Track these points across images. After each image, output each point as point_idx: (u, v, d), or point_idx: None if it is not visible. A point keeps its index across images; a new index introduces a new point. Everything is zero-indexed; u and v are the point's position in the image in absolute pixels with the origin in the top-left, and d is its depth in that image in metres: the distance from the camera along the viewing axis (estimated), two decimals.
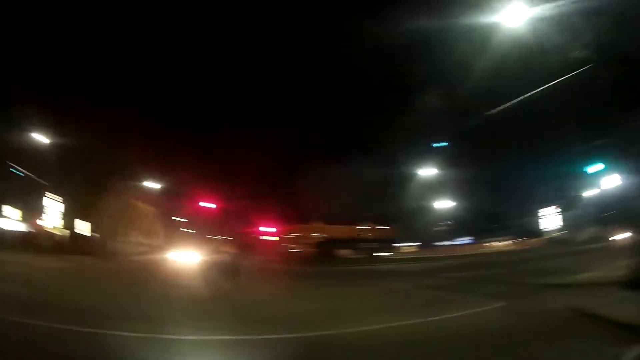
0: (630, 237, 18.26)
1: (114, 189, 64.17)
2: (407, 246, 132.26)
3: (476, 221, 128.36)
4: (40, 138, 46.98)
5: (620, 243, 51.41)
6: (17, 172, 48.97)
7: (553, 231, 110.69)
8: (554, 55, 17.71)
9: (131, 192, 65.48)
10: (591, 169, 19.80)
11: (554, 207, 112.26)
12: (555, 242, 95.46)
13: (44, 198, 56.35)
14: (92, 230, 71.05)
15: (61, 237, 59.44)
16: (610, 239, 77.56)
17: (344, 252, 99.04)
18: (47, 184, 51.39)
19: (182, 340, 9.62)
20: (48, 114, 46.19)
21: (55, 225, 57.87)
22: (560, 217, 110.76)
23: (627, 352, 7.96)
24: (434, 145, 27.49)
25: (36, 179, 49.11)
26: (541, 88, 19.29)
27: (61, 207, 59.32)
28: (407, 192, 69.07)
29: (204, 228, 77.69)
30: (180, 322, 11.53)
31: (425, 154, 54.45)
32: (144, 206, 71.21)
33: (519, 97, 20.60)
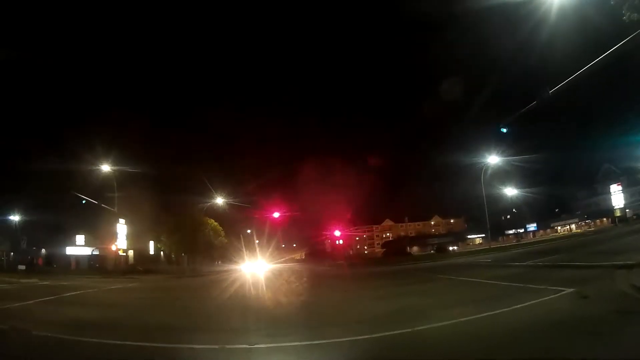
0: None
1: (183, 209, 66.27)
2: (475, 237, 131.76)
3: (540, 207, 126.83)
4: (108, 167, 48.97)
5: None
6: (89, 201, 51.08)
7: (618, 209, 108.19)
8: (606, 21, 17.48)
9: (201, 210, 67.29)
10: None
11: (617, 184, 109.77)
12: (622, 220, 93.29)
13: (117, 224, 58.86)
14: (165, 251, 73.47)
15: (131, 258, 61.97)
16: None
17: (414, 249, 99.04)
18: (117, 211, 53.27)
19: (255, 349, 9.90)
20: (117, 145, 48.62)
21: (127, 248, 60.33)
22: (624, 194, 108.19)
23: None
24: (500, 129, 27.04)
25: (107, 207, 51.03)
26: (595, 61, 19.00)
27: (133, 230, 61.84)
28: (472, 182, 68.72)
29: (272, 236, 79.12)
30: (252, 331, 12.01)
31: (487, 142, 54.08)
32: (212, 222, 72.92)
33: (573, 74, 20.31)
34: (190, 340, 10.46)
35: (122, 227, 63.60)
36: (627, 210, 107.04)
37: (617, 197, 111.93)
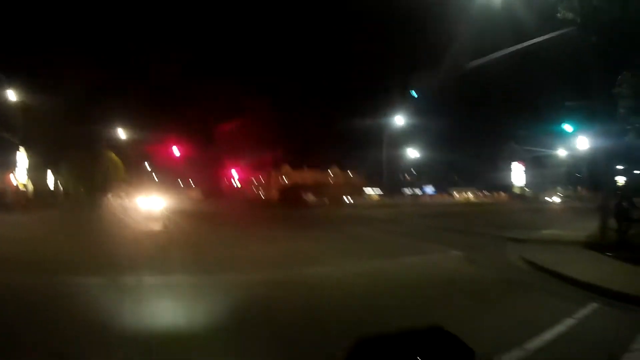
0: (598, 200, 18.49)
1: (85, 141, 63.27)
2: (372, 192, 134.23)
3: (442, 172, 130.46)
4: (9, 94, 45.52)
5: (586, 205, 52.70)
6: None
7: (518, 187, 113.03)
8: (539, 13, 17.65)
9: (101, 142, 64.42)
10: (566, 128, 19.82)
11: (521, 163, 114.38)
12: (519, 197, 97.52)
13: (17, 154, 55.02)
14: (62, 184, 70.21)
15: (31, 192, 58.54)
16: (576, 199, 79.43)
17: (310, 197, 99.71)
18: (17, 139, 49.80)
19: (143, 284, 9.66)
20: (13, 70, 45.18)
21: (25, 181, 56.71)
22: (527, 174, 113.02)
23: (582, 309, 8.14)
24: (411, 92, 26.95)
25: (6, 134, 47.50)
26: (520, 45, 19.18)
27: (33, 162, 58.20)
28: (375, 139, 69.17)
29: (173, 174, 77.17)
30: (143, 267, 11.60)
31: (397, 104, 54.30)
32: (113, 156, 70.27)
33: (498, 52, 20.45)
34: (82, 275, 10.04)
35: (22, 157, 59.75)
36: (526, 189, 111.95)
37: (518, 175, 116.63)
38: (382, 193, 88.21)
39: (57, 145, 60.14)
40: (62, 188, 69.12)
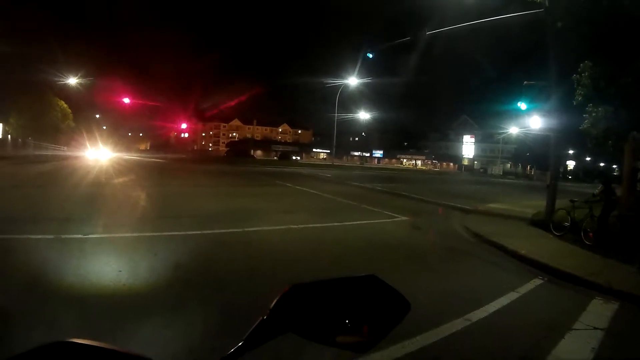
0: (545, 179, 18.94)
1: (34, 88, 60.96)
2: (320, 152, 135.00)
3: (391, 136, 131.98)
4: None
5: (533, 183, 54.03)
6: None
7: (467, 159, 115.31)
8: None
9: (51, 89, 62.09)
10: (521, 106, 20.11)
11: (470, 136, 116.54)
12: (468, 170, 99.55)
13: None
14: (12, 134, 67.50)
15: None
16: (524, 177, 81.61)
17: (258, 153, 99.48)
18: None
19: (88, 239, 9.45)
20: None
21: None
22: (477, 147, 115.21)
23: (525, 284, 8.39)
24: (367, 54, 26.83)
25: None
26: (482, 21, 19.27)
27: None
28: (328, 100, 69.24)
29: (119, 124, 75.36)
30: (88, 221, 11.27)
31: (353, 65, 54.06)
32: (63, 104, 67.90)
33: (460, 24, 20.51)
34: (26, 231, 9.71)
35: None
36: (475, 161, 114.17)
37: (468, 147, 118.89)
38: (331, 153, 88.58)
39: (4, 93, 58.09)
40: (9, 137, 67.00)
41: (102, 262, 7.93)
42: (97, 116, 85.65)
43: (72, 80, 59.07)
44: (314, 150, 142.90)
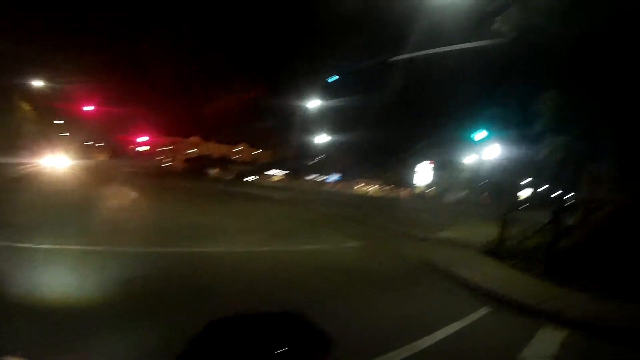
0: (500, 208, 19.13)
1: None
2: (277, 173, 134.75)
3: (349, 161, 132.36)
4: None
5: (489, 211, 54.55)
6: None
7: (424, 186, 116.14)
8: (475, 20, 18.01)
9: (14, 92, 60.63)
10: (477, 136, 20.38)
11: (429, 163, 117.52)
12: (423, 196, 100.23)
13: None
14: None
15: None
16: (479, 205, 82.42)
17: (216, 171, 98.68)
18: None
19: (39, 249, 9.32)
20: None
21: None
22: (433, 174, 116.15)
23: (474, 312, 8.38)
24: (328, 78, 27.08)
25: None
26: (445, 48, 19.55)
27: None
28: (288, 121, 69.00)
29: (80, 132, 73.86)
30: (40, 231, 11.05)
31: (314, 88, 54.21)
32: (26, 107, 66.35)
33: (424, 50, 20.78)
34: None
35: None
36: (431, 188, 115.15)
37: (426, 174, 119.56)
38: (287, 174, 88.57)
39: None
40: None
41: (54, 275, 7.80)
42: (60, 122, 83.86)
43: (37, 83, 57.76)
44: (271, 171, 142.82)
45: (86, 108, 56.83)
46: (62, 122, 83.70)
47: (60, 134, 79.42)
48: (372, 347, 5.57)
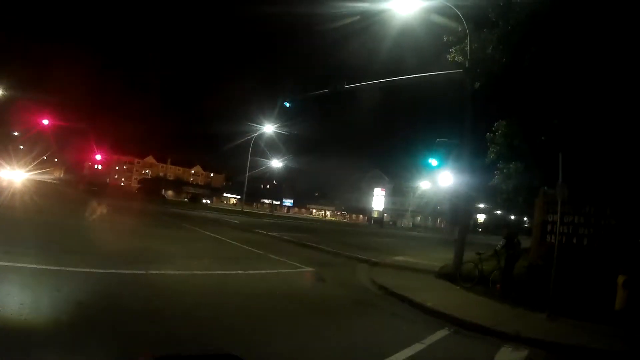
0: (455, 233, 19.16)
1: None
2: (231, 197, 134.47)
3: (302, 185, 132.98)
4: None
5: (442, 236, 55.07)
6: None
7: (377, 211, 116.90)
8: (432, 51, 18.27)
9: None
10: (432, 163, 20.51)
11: (381, 189, 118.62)
12: (377, 222, 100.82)
13: None
14: None
15: None
16: (433, 231, 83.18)
17: (170, 193, 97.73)
18: None
19: None
20: None
21: None
22: (388, 200, 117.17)
23: (431, 335, 8.19)
24: (284, 103, 26.85)
25: None
26: (399, 78, 19.76)
27: None
28: (242, 146, 68.79)
29: (37, 145, 72.31)
30: None
31: (269, 113, 54.31)
32: None
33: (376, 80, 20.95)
34: None
35: None
36: (384, 214, 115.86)
37: (379, 200, 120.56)
38: (241, 199, 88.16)
39: None
40: None
41: (3, 293, 7.47)
42: (15, 134, 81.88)
43: None
44: (225, 194, 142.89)
45: (43, 122, 55.26)
46: (19, 134, 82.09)
47: (17, 147, 77.72)
48: None
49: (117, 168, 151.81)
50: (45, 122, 55.03)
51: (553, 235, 13.49)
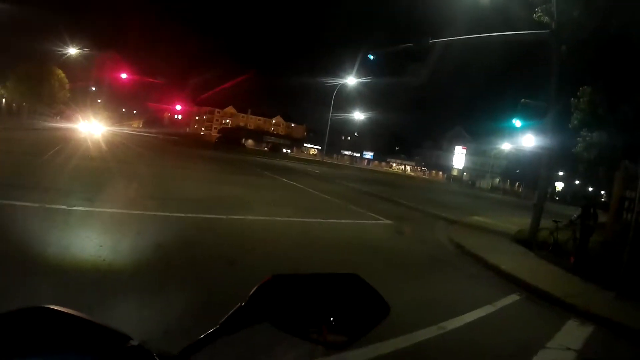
0: (533, 198, 18.97)
1: (34, 55, 60.09)
2: (311, 148, 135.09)
3: (383, 139, 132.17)
4: None
5: (520, 200, 54.07)
6: None
7: (456, 170, 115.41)
8: (518, 10, 17.85)
9: (51, 58, 61.07)
10: (516, 124, 20.20)
11: (462, 147, 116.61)
12: (455, 180, 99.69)
13: None
14: (7, 100, 66.61)
15: None
16: (511, 193, 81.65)
17: (249, 142, 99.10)
18: None
19: (72, 211, 9.40)
20: None
21: None
22: (468, 160, 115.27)
23: (503, 298, 8.42)
24: (368, 55, 26.65)
25: None
26: (486, 35, 19.32)
27: None
28: (325, 97, 68.94)
29: (114, 99, 74.60)
30: (75, 193, 11.30)
31: (352, 65, 53.92)
32: (61, 73, 66.93)
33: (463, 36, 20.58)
34: (13, 197, 9.67)
35: None
36: (464, 173, 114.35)
37: (459, 158, 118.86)
38: (322, 150, 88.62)
39: (5, 58, 57.22)
40: (4, 101, 66.25)
41: (84, 236, 7.80)
42: (93, 89, 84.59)
43: (72, 51, 58.24)
44: (306, 145, 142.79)
45: (121, 76, 56.89)
46: (96, 89, 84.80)
47: (95, 101, 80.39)
48: (400, 324, 5.59)
49: (197, 118, 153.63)
50: (124, 75, 56.65)
51: (630, 212, 13.31)
